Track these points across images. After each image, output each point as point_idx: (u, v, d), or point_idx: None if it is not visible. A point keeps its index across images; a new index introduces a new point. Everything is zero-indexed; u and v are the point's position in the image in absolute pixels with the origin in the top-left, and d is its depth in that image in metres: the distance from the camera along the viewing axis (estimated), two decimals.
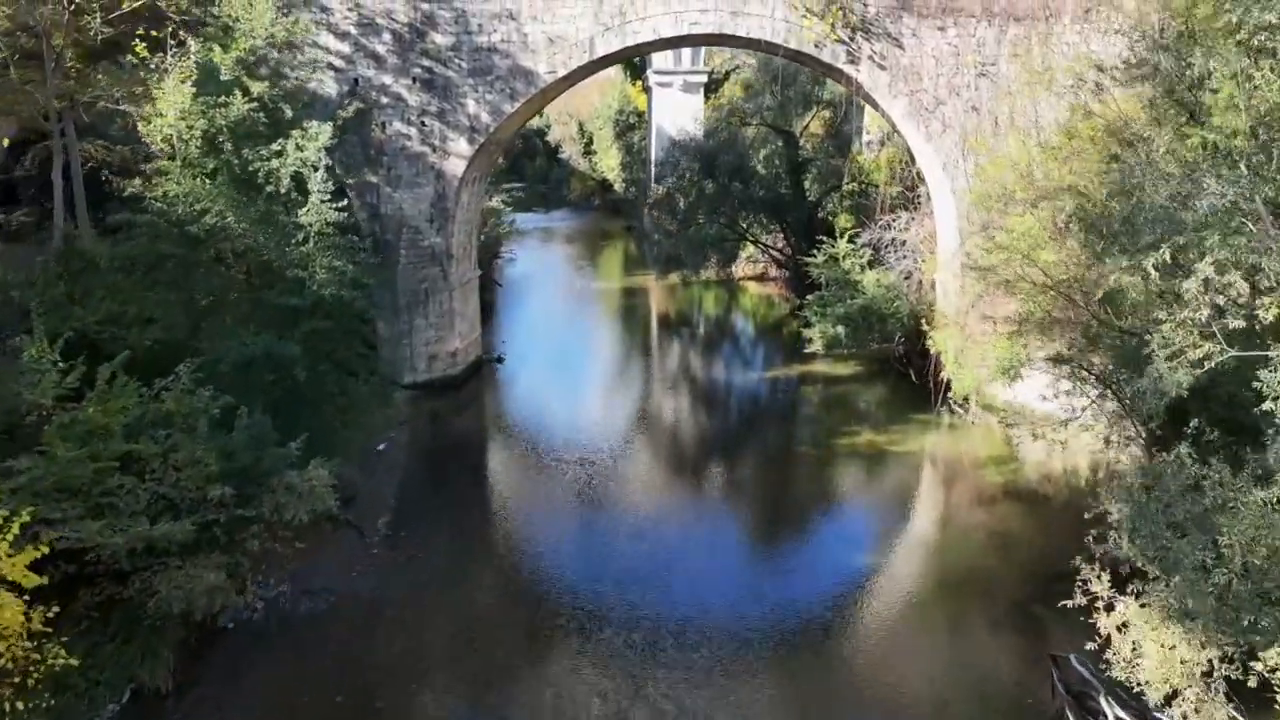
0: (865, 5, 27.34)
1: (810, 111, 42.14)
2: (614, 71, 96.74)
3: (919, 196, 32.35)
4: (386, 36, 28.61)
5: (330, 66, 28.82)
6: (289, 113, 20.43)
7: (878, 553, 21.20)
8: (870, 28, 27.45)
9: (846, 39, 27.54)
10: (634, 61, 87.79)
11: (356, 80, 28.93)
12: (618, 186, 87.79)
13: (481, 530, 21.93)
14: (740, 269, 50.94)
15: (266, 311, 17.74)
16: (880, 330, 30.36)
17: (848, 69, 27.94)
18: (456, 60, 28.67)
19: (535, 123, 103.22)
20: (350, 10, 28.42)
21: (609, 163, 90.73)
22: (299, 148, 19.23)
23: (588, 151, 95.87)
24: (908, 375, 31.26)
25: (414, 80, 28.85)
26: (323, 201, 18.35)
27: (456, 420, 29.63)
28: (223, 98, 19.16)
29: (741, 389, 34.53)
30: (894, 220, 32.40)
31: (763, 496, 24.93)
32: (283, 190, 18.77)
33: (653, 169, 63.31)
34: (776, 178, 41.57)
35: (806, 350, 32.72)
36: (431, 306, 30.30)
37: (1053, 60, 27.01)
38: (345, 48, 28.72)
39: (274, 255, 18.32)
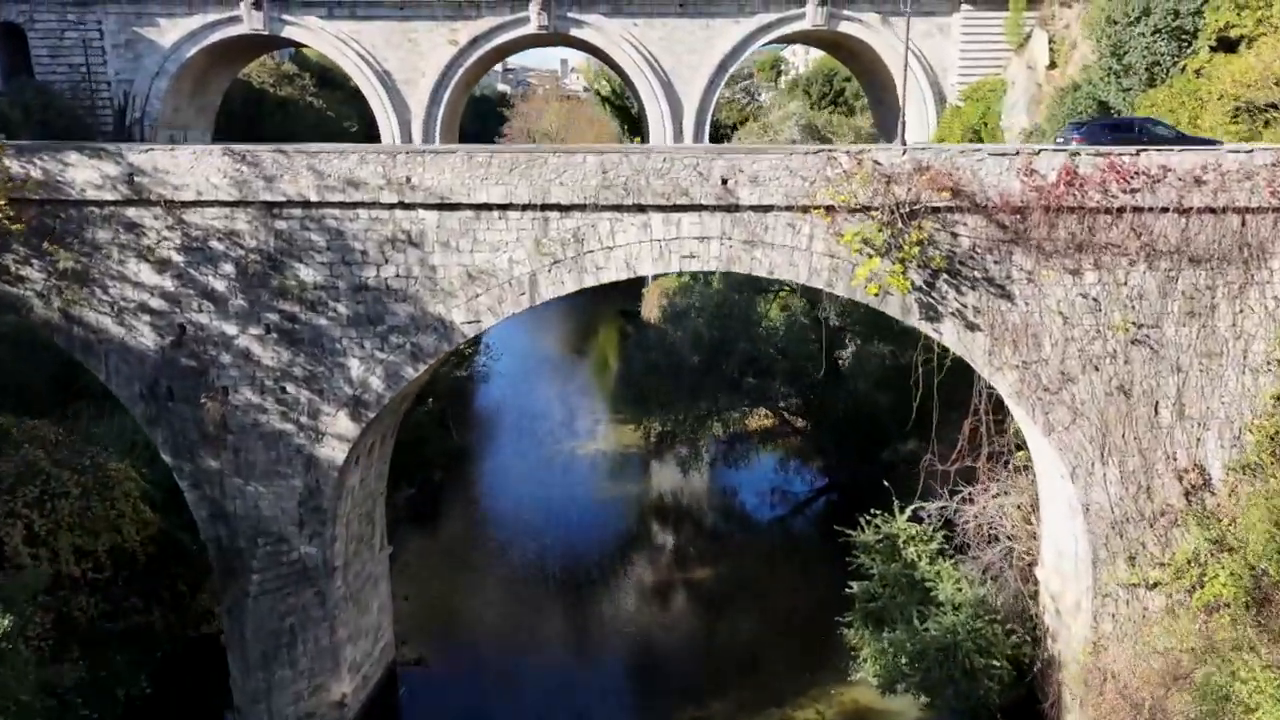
0: (954, 236, 17.56)
1: None
2: (609, 122, 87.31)
3: (1010, 453, 22.52)
4: (227, 267, 18.97)
5: (144, 309, 19.23)
6: None
7: None
8: (961, 269, 17.68)
9: (924, 285, 17.79)
10: (631, 114, 78.53)
11: (183, 328, 19.32)
12: None
13: None
14: (752, 421, 41.15)
15: None
16: (967, 686, 20.51)
17: (924, 327, 18.22)
18: (331, 303, 19.01)
19: None
20: (170, 229, 18.82)
21: None
22: None
23: None
24: None
25: (268, 330, 19.21)
26: None
27: None
28: None
29: None
30: (979, 491, 22.58)
31: None
32: None
33: None
34: (802, 354, 31.85)
35: (854, 677, 22.93)
36: (303, 648, 20.67)
37: (1252, 324, 17.31)
38: (166, 282, 19.11)
39: None
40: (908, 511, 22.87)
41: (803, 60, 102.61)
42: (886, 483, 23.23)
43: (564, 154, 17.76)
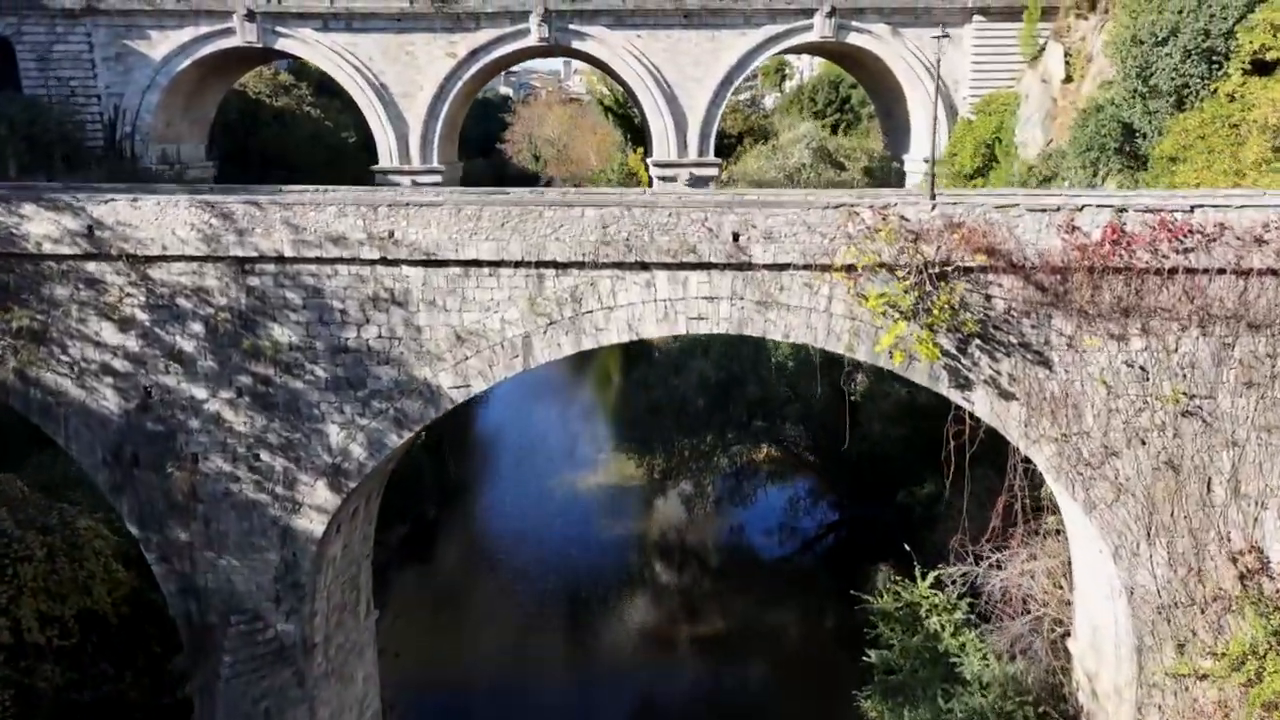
0: (988, 298, 16.02)
1: None
2: (611, 129, 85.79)
3: (1042, 522, 20.97)
4: (195, 327, 17.49)
5: (107, 370, 17.77)
6: None
7: None
8: (994, 334, 16.15)
9: (954, 351, 16.26)
10: (634, 123, 76.94)
11: (149, 390, 17.85)
12: None
13: None
14: (760, 453, 39.56)
15: None
16: None
17: (954, 396, 16.69)
18: (308, 366, 17.53)
19: (532, 168, 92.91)
20: (134, 285, 17.34)
21: None
22: None
23: None
24: None
25: (240, 393, 17.73)
26: None
27: None
28: None
29: None
30: (1006, 557, 21.04)
31: None
32: None
33: None
34: (814, 394, 30.35)
35: None
36: None
37: None
38: (130, 342, 17.64)
39: None
40: (930, 577, 21.35)
41: (808, 64, 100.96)
42: (908, 546, 21.72)
43: (560, 207, 16.24)
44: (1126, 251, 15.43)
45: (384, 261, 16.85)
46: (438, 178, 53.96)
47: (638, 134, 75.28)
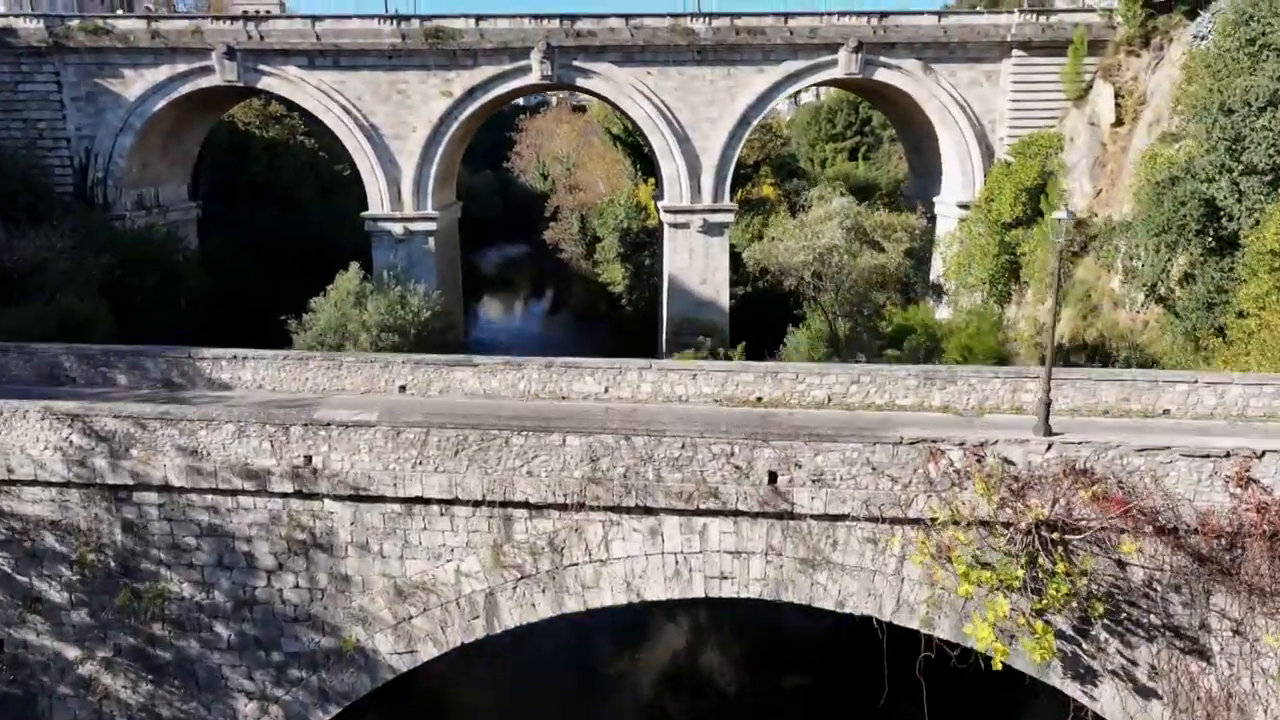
0: (1121, 566, 11.59)
1: None
2: (623, 159, 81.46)
3: None
4: (60, 569, 13.27)
5: None
6: None
7: None
8: (1128, 612, 11.69)
9: (1073, 633, 11.86)
10: (644, 153, 72.62)
11: (0, 645, 13.68)
12: (626, 305, 72.65)
13: None
14: None
15: None
16: None
17: (1070, 689, 12.27)
18: (206, 620, 13.27)
19: (539, 186, 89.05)
20: None
21: (614, 275, 75.61)
22: None
23: (590, 255, 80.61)
24: None
25: (119, 653, 13.51)
26: None
27: None
28: None
29: None
30: None
31: None
32: None
33: (664, 308, 49.15)
34: None
35: None
36: None
37: None
38: None
39: None
40: None
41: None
42: None
43: (534, 434, 11.94)
44: None
45: (300, 495, 12.60)
46: (432, 224, 50.01)
47: (647, 162, 71.13)
